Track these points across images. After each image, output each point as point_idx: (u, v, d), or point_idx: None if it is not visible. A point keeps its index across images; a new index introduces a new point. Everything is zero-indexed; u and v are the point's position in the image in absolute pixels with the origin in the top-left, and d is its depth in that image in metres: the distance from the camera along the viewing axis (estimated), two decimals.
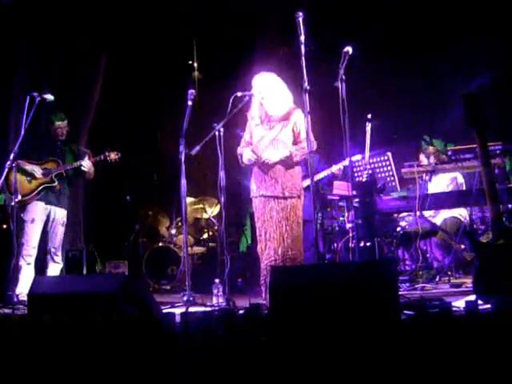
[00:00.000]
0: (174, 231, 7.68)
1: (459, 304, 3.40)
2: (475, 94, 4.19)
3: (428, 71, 7.85)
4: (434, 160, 6.46)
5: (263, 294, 4.65)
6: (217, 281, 5.16)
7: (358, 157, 6.13)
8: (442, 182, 6.61)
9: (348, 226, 6.69)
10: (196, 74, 9.01)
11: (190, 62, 8.95)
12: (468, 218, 6.25)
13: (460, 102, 4.17)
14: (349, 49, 4.40)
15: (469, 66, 7.36)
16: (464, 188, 6.49)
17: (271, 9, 7.09)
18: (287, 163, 4.71)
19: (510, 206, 5.30)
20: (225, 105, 4.76)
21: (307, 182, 5.19)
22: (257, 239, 4.85)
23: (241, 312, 3.83)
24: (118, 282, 3.67)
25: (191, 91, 5.09)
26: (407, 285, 5.54)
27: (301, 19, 4.12)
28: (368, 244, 5.60)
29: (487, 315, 2.75)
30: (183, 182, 5.03)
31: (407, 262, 6.53)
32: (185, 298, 4.93)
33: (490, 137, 4.52)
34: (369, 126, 5.94)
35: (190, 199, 7.39)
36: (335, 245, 6.62)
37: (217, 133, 4.90)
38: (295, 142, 4.76)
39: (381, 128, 6.62)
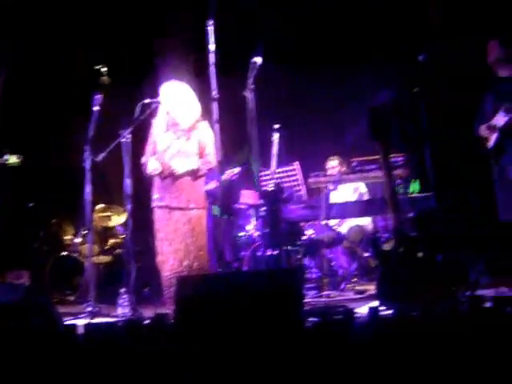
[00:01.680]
0: (78, 240, 7.45)
1: (362, 310, 3.48)
2: (380, 108, 4.34)
3: (337, 84, 8.05)
4: (339, 170, 6.63)
5: (168, 305, 4.59)
6: (122, 291, 5.04)
7: (234, 170, 6.15)
8: (346, 192, 6.78)
9: (255, 234, 6.73)
10: (104, 78, 8.81)
11: (98, 67, 8.74)
12: (372, 227, 6.43)
13: (366, 115, 4.31)
14: (257, 59, 4.44)
15: (376, 82, 7.61)
16: (367, 198, 6.69)
17: (183, 15, 7.05)
18: (193, 176, 4.70)
19: (411, 214, 5.49)
20: (132, 111, 4.69)
21: (209, 186, 5.19)
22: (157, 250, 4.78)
23: (146, 322, 3.76)
24: (19, 292, 3.52)
25: (98, 96, 4.97)
26: (313, 292, 5.63)
27: (211, 28, 4.11)
28: (274, 252, 5.64)
29: (389, 320, 2.83)
30: (88, 189, 4.90)
31: (313, 270, 6.62)
32: (89, 309, 4.80)
33: (393, 149, 4.69)
34: (276, 136, 6.00)
35: (96, 207, 7.20)
36: (242, 254, 6.64)
37: (123, 139, 4.80)
38: (201, 155, 4.76)
39: (289, 138, 6.71)
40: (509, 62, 4.56)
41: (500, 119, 4.52)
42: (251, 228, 6.86)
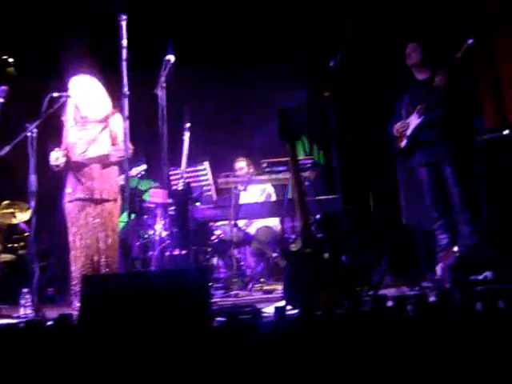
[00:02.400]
0: None
1: (269, 310, 3.52)
2: (288, 109, 4.40)
3: (249, 85, 8.11)
4: (247, 171, 6.69)
5: (74, 303, 4.48)
6: (25, 290, 4.86)
7: (141, 167, 6.12)
8: (255, 193, 6.85)
9: (164, 234, 6.67)
10: (10, 69, 8.46)
11: (5, 57, 8.39)
12: (280, 228, 6.52)
13: (275, 116, 4.36)
14: (170, 57, 4.41)
15: (285, 84, 7.72)
16: (274, 198, 6.78)
17: (94, 9, 6.88)
18: (104, 163, 4.61)
19: (317, 216, 5.61)
20: (40, 104, 4.53)
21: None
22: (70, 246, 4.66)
23: (49, 323, 3.64)
24: None
25: (3, 87, 4.78)
26: (221, 292, 5.64)
27: (124, 22, 4.04)
28: (183, 252, 5.61)
29: (295, 320, 2.88)
30: None
31: (222, 270, 6.65)
32: None
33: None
34: (187, 135, 5.99)
35: None
36: (150, 253, 6.57)
37: (29, 134, 4.64)
38: (113, 144, 4.68)
39: (200, 137, 6.70)
40: (425, 66, 4.72)
41: (414, 120, 4.68)
42: (159, 227, 6.80)
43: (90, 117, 4.68)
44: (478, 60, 5.88)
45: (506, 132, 4.65)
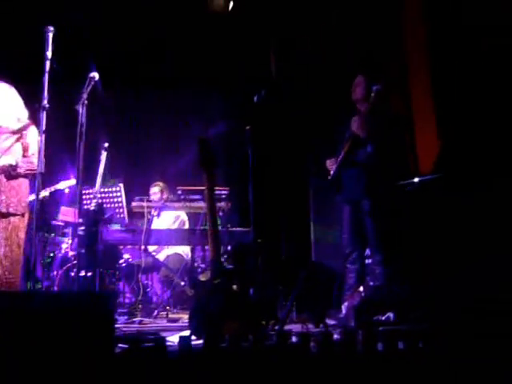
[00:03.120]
0: None
1: (174, 339, 3.48)
2: (208, 139, 4.43)
3: (171, 111, 8.13)
4: (159, 198, 6.65)
5: None
6: None
7: (71, 182, 6.02)
8: (168, 219, 6.80)
9: (70, 253, 6.49)
10: None
11: None
12: (190, 256, 6.48)
13: (193, 146, 4.38)
14: (95, 74, 4.36)
15: (205, 114, 7.78)
16: (187, 226, 6.75)
17: (17, 18, 6.73)
18: (11, 175, 4.45)
19: (228, 247, 5.62)
20: None
21: (32, 197, 4.96)
22: None
23: None
24: None
25: None
26: (125, 318, 5.52)
27: (50, 34, 3.95)
28: (89, 274, 5.47)
29: (199, 350, 2.85)
30: None
31: (127, 295, 6.51)
32: None
33: (217, 181, 4.80)
34: (104, 155, 5.89)
35: None
36: (55, 272, 6.36)
37: None
38: (23, 156, 4.54)
39: (117, 158, 6.61)
40: (367, 100, 4.79)
41: (340, 155, 4.78)
42: (66, 246, 6.61)
43: (4, 127, 4.53)
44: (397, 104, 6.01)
45: (415, 180, 4.81)
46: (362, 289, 4.43)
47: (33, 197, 5.60)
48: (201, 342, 3.38)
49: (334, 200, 5.02)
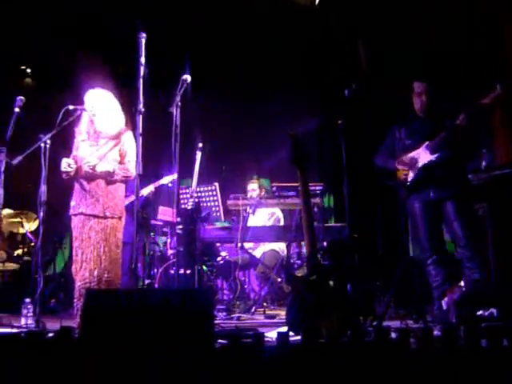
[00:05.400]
0: None
1: (272, 335, 3.49)
2: (300, 135, 4.41)
3: (263, 109, 8.18)
4: (258, 194, 6.69)
5: (76, 317, 4.46)
6: (27, 300, 4.85)
7: (174, 176, 6.16)
8: (263, 216, 6.84)
9: (169, 252, 6.67)
10: (28, 80, 8.55)
11: (23, 68, 8.48)
12: (286, 253, 6.50)
13: (286, 143, 4.37)
14: (187, 77, 4.44)
15: (295, 111, 7.78)
16: (282, 223, 6.77)
17: (114, 25, 6.97)
18: (108, 180, 4.63)
19: (324, 243, 5.60)
20: (55, 116, 4.57)
21: (128, 200, 5.15)
22: (73, 259, 4.65)
23: (50, 335, 3.63)
24: None
25: (20, 98, 4.81)
26: (224, 314, 5.60)
27: (143, 40, 4.07)
28: (188, 272, 5.60)
29: (297, 346, 2.85)
30: (0, 192, 4.70)
31: (225, 292, 6.62)
32: None
33: (311, 177, 4.78)
34: (199, 155, 6.01)
35: (6, 211, 6.95)
36: (155, 270, 6.56)
37: (42, 144, 4.67)
38: (121, 163, 4.71)
39: (211, 159, 6.73)
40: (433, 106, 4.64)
41: (423, 155, 4.61)
42: (166, 245, 6.81)
43: (104, 133, 4.70)
44: None
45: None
46: (462, 283, 4.28)
47: (132, 198, 5.83)
48: (299, 337, 3.38)
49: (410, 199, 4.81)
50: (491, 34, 5.95)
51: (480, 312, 3.90)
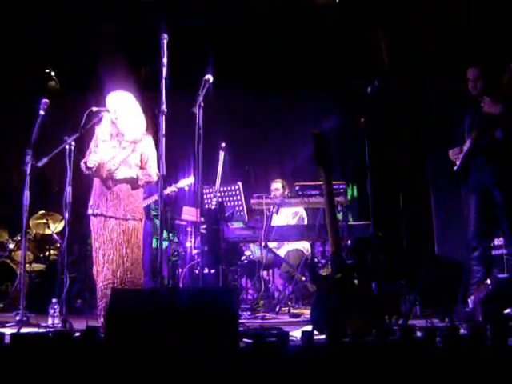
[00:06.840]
0: (12, 245, 7.27)
1: (296, 334, 3.49)
2: (323, 134, 4.39)
3: (285, 109, 8.18)
4: (281, 194, 6.69)
5: (100, 317, 4.51)
6: (54, 300, 4.90)
7: (190, 180, 6.19)
8: (286, 216, 6.84)
9: (194, 252, 6.70)
10: (52, 83, 8.64)
11: (48, 71, 8.57)
12: (310, 251, 6.49)
13: (308, 142, 4.36)
14: (209, 77, 4.45)
15: (317, 110, 7.76)
16: (305, 222, 6.76)
17: (135, 28, 7.02)
18: (132, 185, 4.67)
19: (349, 242, 5.57)
20: (79, 118, 4.61)
21: (146, 202, 5.19)
22: (93, 261, 4.69)
23: (77, 335, 3.66)
24: None
25: (45, 100, 4.86)
26: (248, 313, 5.61)
27: (165, 41, 4.09)
28: (212, 271, 5.62)
29: (322, 346, 2.85)
30: (26, 193, 4.76)
31: (250, 291, 6.63)
32: (17, 318, 4.65)
33: (334, 175, 4.76)
34: (222, 155, 6.03)
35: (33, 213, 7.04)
36: (180, 270, 6.59)
37: (67, 146, 4.72)
38: (142, 168, 4.75)
39: (234, 158, 6.75)
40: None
41: (466, 144, 4.59)
42: (190, 245, 6.83)
43: (126, 134, 4.74)
44: None
45: None
46: (488, 281, 4.23)
47: (154, 198, 5.86)
48: (323, 336, 3.38)
49: (458, 191, 4.80)
50: None
51: (507, 311, 3.86)
